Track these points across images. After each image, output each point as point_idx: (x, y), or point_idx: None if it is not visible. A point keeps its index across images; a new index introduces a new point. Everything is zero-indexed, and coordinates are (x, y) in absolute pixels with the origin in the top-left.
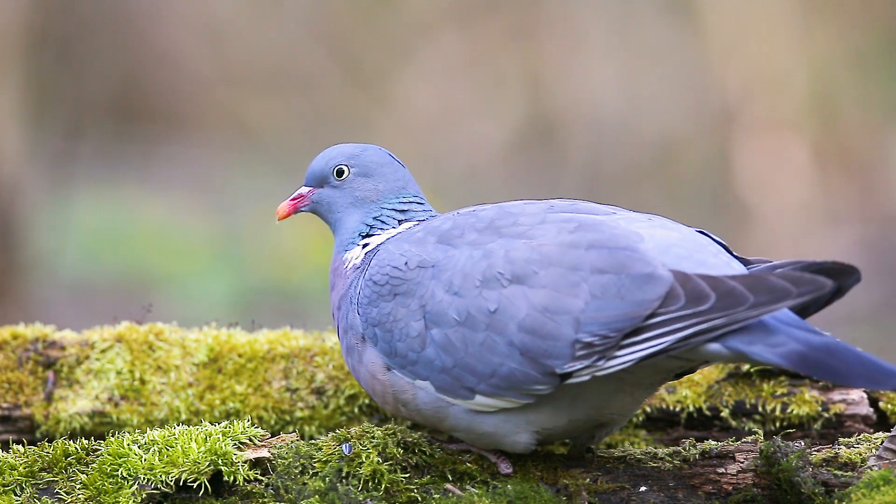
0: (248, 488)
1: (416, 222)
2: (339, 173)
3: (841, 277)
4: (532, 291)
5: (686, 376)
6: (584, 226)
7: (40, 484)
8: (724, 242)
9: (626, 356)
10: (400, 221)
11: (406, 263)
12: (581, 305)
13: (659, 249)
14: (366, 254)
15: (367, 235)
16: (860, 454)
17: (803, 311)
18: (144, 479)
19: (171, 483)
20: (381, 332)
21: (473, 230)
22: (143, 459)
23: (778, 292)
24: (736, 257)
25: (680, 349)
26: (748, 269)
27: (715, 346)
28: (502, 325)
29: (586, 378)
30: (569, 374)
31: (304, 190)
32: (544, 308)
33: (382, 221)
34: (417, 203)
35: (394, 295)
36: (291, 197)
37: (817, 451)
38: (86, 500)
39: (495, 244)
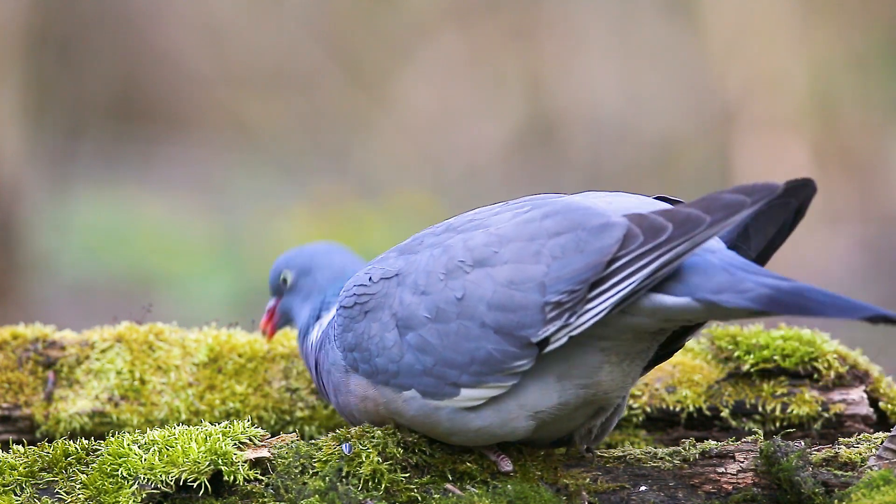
0: (248, 488)
1: None
2: (284, 281)
3: (797, 194)
4: (495, 270)
5: (687, 376)
6: (539, 204)
7: (40, 484)
8: (685, 202)
9: (598, 306)
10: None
11: (370, 279)
12: (544, 269)
13: (614, 208)
14: (322, 329)
15: (318, 318)
16: (860, 454)
17: (772, 243)
18: (144, 479)
19: (171, 483)
20: (360, 354)
21: (432, 236)
22: (143, 459)
23: (733, 206)
24: None
25: (648, 286)
26: None
27: (684, 300)
28: (472, 308)
29: (563, 340)
30: (545, 341)
31: (271, 304)
32: (509, 281)
33: (329, 303)
34: None
35: (364, 313)
36: (266, 314)
37: (817, 451)
38: (86, 500)
39: (453, 239)
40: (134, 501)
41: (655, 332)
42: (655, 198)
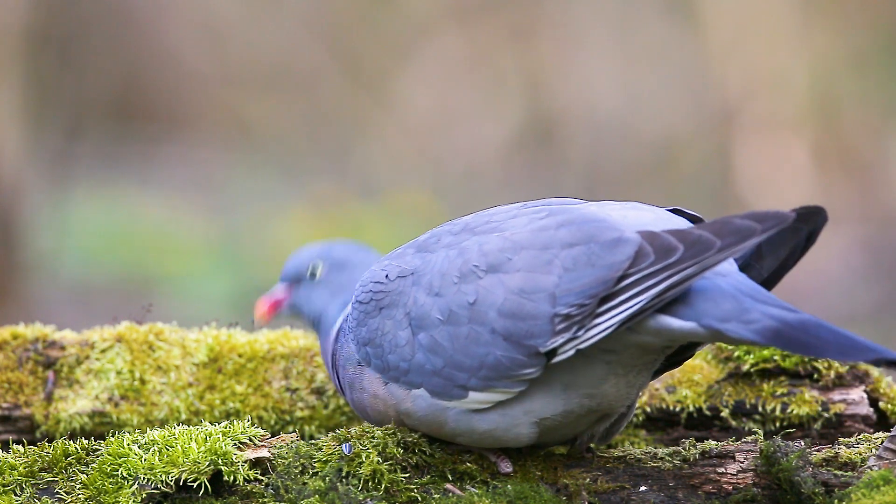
0: (248, 488)
1: None
2: (312, 273)
3: (809, 221)
4: (507, 277)
5: (687, 375)
6: (555, 212)
7: (40, 484)
8: (700, 216)
9: (605, 322)
10: None
11: (387, 276)
12: (555, 280)
13: (628, 222)
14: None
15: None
16: (860, 454)
17: (784, 265)
18: (144, 479)
19: (171, 483)
20: (373, 350)
21: (449, 235)
22: (143, 459)
23: (743, 232)
24: None
25: (656, 305)
26: None
27: (690, 325)
28: (482, 314)
29: (570, 352)
30: (553, 352)
31: (281, 291)
32: (520, 290)
33: None
34: None
35: (379, 309)
36: (269, 297)
37: (817, 451)
38: (86, 500)
39: (469, 241)
40: (134, 501)
41: (661, 348)
42: (671, 210)
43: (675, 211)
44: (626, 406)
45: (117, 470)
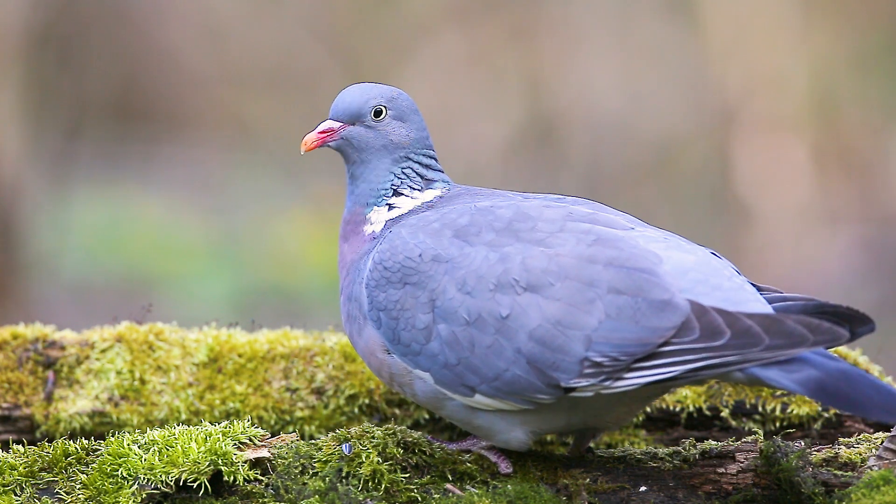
0: (248, 488)
1: (440, 192)
2: (378, 113)
3: (854, 323)
4: (546, 302)
5: None
6: (603, 240)
7: (40, 484)
8: (733, 266)
9: (634, 379)
10: (422, 188)
11: (420, 255)
12: (594, 324)
13: (676, 273)
14: (386, 224)
15: (396, 194)
16: (860, 454)
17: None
18: (144, 479)
19: (171, 483)
20: (386, 318)
21: (491, 230)
22: (143, 459)
23: (795, 337)
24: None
25: (688, 379)
26: (760, 294)
27: (731, 372)
28: (512, 331)
29: (590, 395)
30: (572, 389)
31: (335, 124)
32: (557, 321)
33: (410, 179)
34: (437, 162)
35: (404, 284)
36: (319, 129)
37: (817, 451)
38: (86, 500)
39: (513, 248)
40: (134, 501)
41: (681, 385)
42: (710, 252)
43: (713, 255)
44: (623, 426)
45: (117, 470)
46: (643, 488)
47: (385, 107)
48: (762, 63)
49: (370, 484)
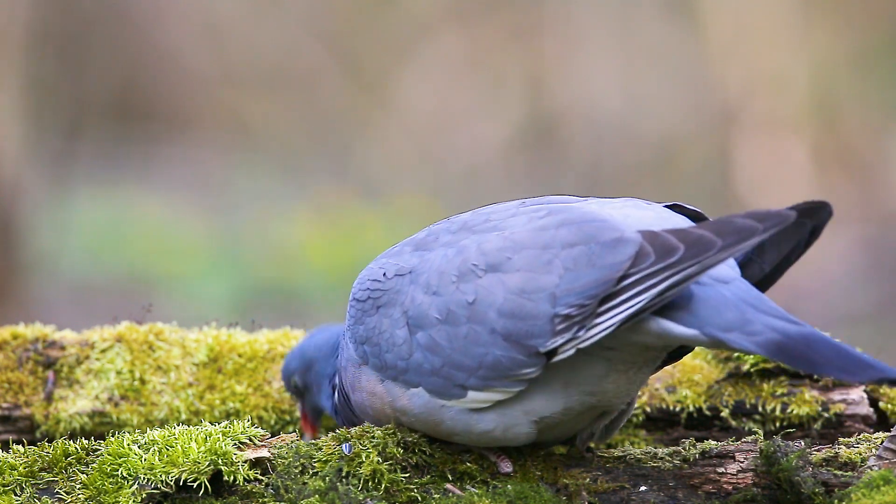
0: (248, 488)
1: None
2: (296, 387)
3: (813, 216)
4: (507, 276)
5: (687, 375)
6: (555, 210)
7: (40, 484)
8: (700, 211)
9: (606, 321)
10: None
11: (384, 274)
12: (556, 280)
13: (629, 222)
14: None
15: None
16: (860, 454)
17: (786, 259)
18: (144, 479)
19: (171, 483)
20: (370, 348)
21: (447, 233)
22: (143, 459)
23: (744, 231)
24: None
25: (657, 305)
26: None
27: (692, 332)
28: (482, 314)
29: (570, 352)
30: (553, 352)
31: (300, 407)
32: (521, 290)
33: (333, 373)
34: None
35: (376, 308)
36: (301, 417)
37: (817, 451)
38: (86, 500)
39: (468, 240)
40: (134, 501)
41: (663, 347)
42: (670, 205)
43: (674, 206)
44: (626, 403)
45: (117, 470)
46: (643, 488)
47: (294, 378)
48: (762, 63)
49: (370, 484)
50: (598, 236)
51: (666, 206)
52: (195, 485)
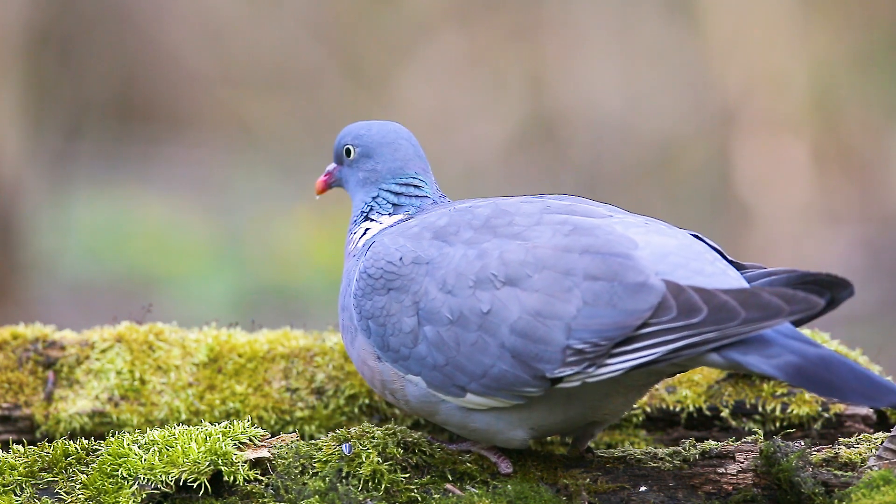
0: (248, 488)
1: (406, 215)
2: (347, 153)
3: (834, 290)
4: (525, 294)
5: (687, 376)
6: (579, 229)
7: (40, 484)
8: (718, 247)
9: (617, 365)
10: (391, 213)
11: (401, 259)
12: (573, 312)
13: (654, 257)
14: (363, 243)
15: (367, 219)
16: (860, 454)
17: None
18: (144, 479)
19: (171, 483)
20: (375, 326)
21: (469, 228)
22: (143, 459)
23: (770, 309)
24: (730, 262)
25: (671, 360)
26: (742, 273)
27: (712, 356)
28: (494, 326)
29: (576, 384)
30: (559, 379)
31: (331, 167)
32: (536, 312)
33: (379, 206)
34: (414, 187)
35: (388, 290)
36: (324, 173)
37: (817, 451)
38: (86, 500)
39: (490, 244)
40: (134, 501)
41: (672, 372)
42: (691, 235)
43: (694, 236)
44: (621, 417)
45: (117, 470)
46: (643, 488)
47: (352, 146)
48: (762, 63)
49: (370, 484)
50: (622, 275)
51: (690, 235)
52: (195, 485)
